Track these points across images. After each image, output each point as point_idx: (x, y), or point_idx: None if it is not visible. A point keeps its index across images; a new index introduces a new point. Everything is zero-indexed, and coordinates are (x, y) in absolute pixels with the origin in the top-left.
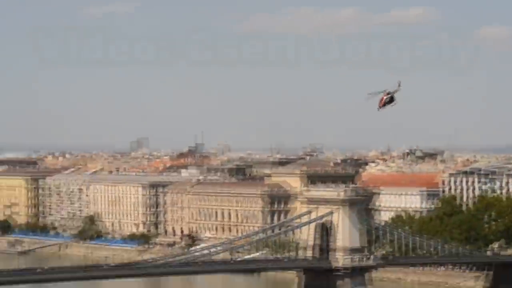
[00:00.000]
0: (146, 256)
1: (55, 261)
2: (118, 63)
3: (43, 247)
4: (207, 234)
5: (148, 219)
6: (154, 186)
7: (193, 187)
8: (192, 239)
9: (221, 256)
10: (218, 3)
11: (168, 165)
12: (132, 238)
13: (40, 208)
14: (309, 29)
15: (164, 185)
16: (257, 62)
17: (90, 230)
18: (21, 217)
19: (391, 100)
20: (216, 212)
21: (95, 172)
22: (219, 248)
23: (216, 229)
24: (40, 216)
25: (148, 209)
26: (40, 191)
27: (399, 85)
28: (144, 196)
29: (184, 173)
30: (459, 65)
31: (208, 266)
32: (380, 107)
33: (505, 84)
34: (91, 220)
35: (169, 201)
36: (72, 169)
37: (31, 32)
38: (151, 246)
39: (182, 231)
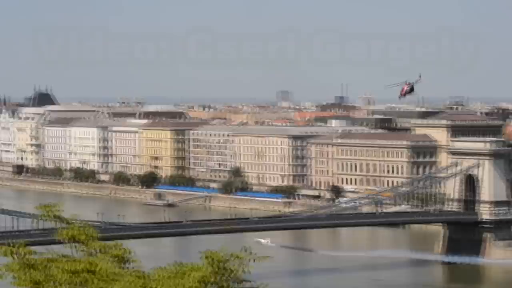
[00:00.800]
0: (291, 209)
1: (201, 214)
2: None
3: (188, 199)
4: (352, 187)
5: (293, 171)
6: (299, 138)
7: (337, 139)
8: (337, 191)
9: (366, 209)
10: None
11: (313, 116)
12: (277, 191)
13: (185, 161)
14: None
15: (309, 137)
16: None
17: (235, 183)
18: (166, 169)
19: (411, 89)
20: (361, 164)
21: (240, 124)
22: (364, 200)
23: (361, 181)
24: (185, 169)
25: (293, 161)
26: (186, 143)
27: (419, 77)
28: (289, 148)
29: (329, 125)
30: None
31: (353, 219)
32: (401, 95)
33: None
34: (236, 172)
35: (314, 153)
36: (217, 121)
37: None
38: (296, 198)
39: (327, 184)
